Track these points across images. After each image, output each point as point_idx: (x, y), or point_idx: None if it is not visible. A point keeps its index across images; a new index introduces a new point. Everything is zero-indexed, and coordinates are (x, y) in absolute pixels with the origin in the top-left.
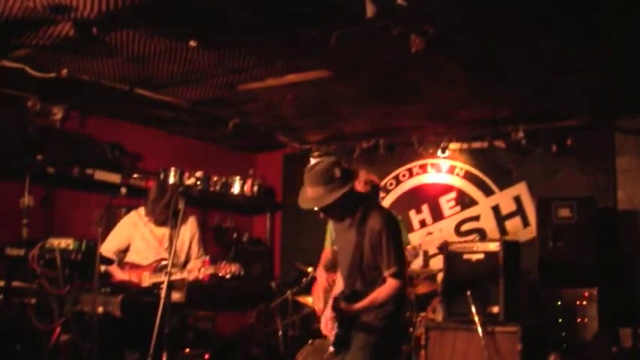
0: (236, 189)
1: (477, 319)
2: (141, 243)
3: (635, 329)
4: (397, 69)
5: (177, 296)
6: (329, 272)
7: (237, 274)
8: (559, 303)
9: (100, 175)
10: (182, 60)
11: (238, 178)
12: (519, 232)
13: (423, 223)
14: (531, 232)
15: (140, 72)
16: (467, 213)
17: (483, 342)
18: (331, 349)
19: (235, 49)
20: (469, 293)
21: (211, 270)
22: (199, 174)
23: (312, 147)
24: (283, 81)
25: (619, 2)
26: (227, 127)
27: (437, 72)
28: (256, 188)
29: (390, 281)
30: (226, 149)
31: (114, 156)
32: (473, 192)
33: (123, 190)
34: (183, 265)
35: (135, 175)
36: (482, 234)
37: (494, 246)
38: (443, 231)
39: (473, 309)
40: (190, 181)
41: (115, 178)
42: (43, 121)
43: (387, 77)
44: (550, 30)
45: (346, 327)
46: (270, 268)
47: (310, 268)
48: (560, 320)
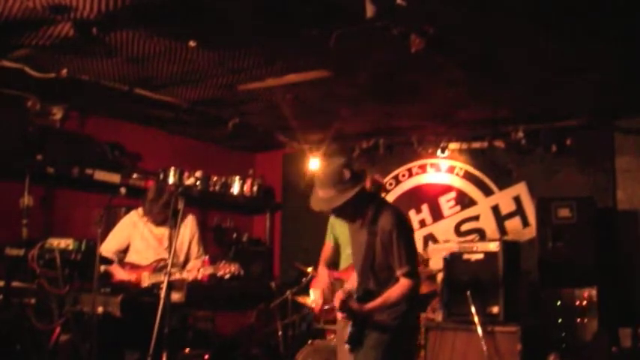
0: (236, 189)
1: (477, 319)
2: (140, 243)
3: (634, 329)
4: (397, 69)
5: (177, 296)
6: (331, 270)
7: (236, 274)
8: (559, 303)
9: (100, 175)
10: (182, 60)
11: (238, 178)
12: (519, 232)
13: (423, 223)
14: (531, 232)
15: (140, 72)
16: (466, 213)
17: (483, 342)
18: (347, 347)
19: (235, 49)
20: (469, 293)
21: (210, 270)
22: (199, 174)
23: (311, 147)
24: (283, 81)
25: (619, 2)
26: (227, 127)
27: (437, 72)
28: (256, 188)
29: (403, 281)
30: (226, 149)
31: (114, 156)
32: (472, 192)
33: (122, 190)
34: (182, 265)
35: (134, 175)
36: (481, 234)
37: (493, 246)
38: (444, 232)
39: (472, 309)
40: (190, 181)
41: (115, 178)
42: (43, 121)
43: (387, 77)
44: (550, 30)
45: (360, 325)
46: (269, 268)
47: (310, 268)
48: (559, 320)
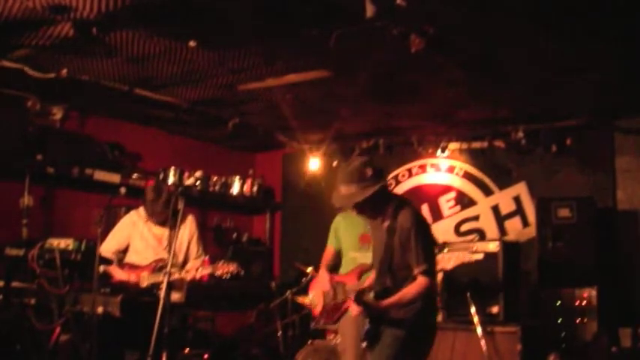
0: (235, 189)
1: (477, 319)
2: (140, 242)
3: (634, 329)
4: (397, 69)
5: (176, 296)
6: (331, 274)
7: (235, 274)
8: (559, 303)
9: (100, 175)
10: (182, 60)
11: (238, 178)
12: (519, 232)
13: None
14: (531, 232)
15: (140, 72)
16: (466, 213)
17: (483, 342)
18: (364, 345)
19: (235, 49)
20: (469, 293)
21: (209, 270)
22: (199, 174)
23: (311, 147)
24: (283, 81)
25: (619, 2)
26: (227, 127)
27: (437, 72)
28: (256, 188)
29: (420, 279)
30: (226, 149)
31: (114, 156)
32: (472, 192)
33: (122, 190)
34: (182, 265)
35: (134, 175)
36: (481, 234)
37: (493, 246)
38: (444, 232)
39: (472, 309)
40: (190, 181)
41: (115, 178)
42: (43, 121)
43: (387, 77)
44: (550, 30)
45: (376, 322)
46: (269, 268)
47: (310, 268)
48: (559, 320)
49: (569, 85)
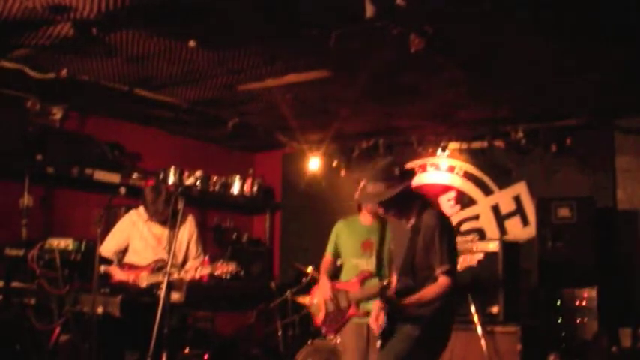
0: (235, 189)
1: (477, 319)
2: (139, 242)
3: (634, 329)
4: (397, 69)
5: (176, 296)
6: (333, 281)
7: (235, 274)
8: (559, 303)
9: (100, 175)
10: (182, 60)
11: (238, 178)
12: (519, 232)
13: None
14: (531, 232)
15: (140, 72)
16: (466, 213)
17: (483, 342)
18: (379, 344)
19: (235, 49)
20: (469, 293)
21: (208, 270)
22: (199, 174)
23: (311, 147)
24: (283, 81)
25: (619, 2)
26: (226, 127)
27: (437, 72)
28: (256, 188)
29: (442, 279)
30: (226, 149)
31: (114, 156)
32: (472, 192)
33: (122, 190)
34: (181, 265)
35: (134, 175)
36: (481, 234)
37: (493, 246)
38: None
39: (472, 309)
40: (190, 181)
41: (115, 178)
42: (43, 121)
43: (387, 77)
44: (550, 30)
45: (393, 320)
46: (269, 268)
47: (310, 268)
48: (559, 320)
49: (569, 85)
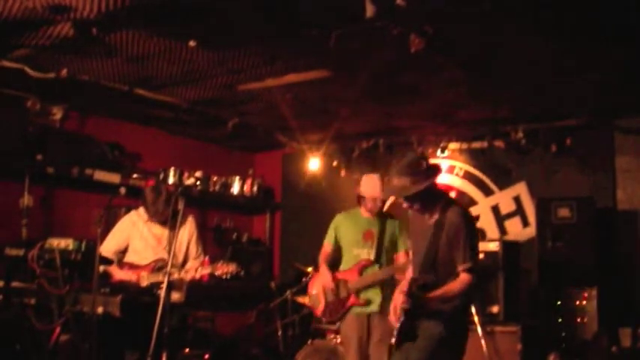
0: (235, 189)
1: (477, 319)
2: (139, 242)
3: (634, 329)
4: (397, 69)
5: (176, 296)
6: (332, 271)
7: (235, 275)
8: (559, 303)
9: (100, 175)
10: (182, 60)
11: (238, 178)
12: (519, 232)
13: None
14: (531, 232)
15: (140, 72)
16: None
17: (483, 342)
18: (393, 341)
19: (235, 49)
20: None
21: (208, 270)
22: (199, 174)
23: (311, 147)
24: (283, 81)
25: (619, 2)
26: (226, 127)
27: (437, 72)
28: (256, 188)
29: (464, 276)
30: (226, 149)
31: (114, 156)
32: (472, 192)
33: (122, 190)
34: (181, 265)
35: (134, 175)
36: (481, 234)
37: (493, 246)
38: None
39: (472, 309)
40: (190, 181)
41: (115, 178)
42: (43, 121)
43: (387, 77)
44: (550, 30)
45: (413, 317)
46: (269, 268)
47: (310, 268)
48: (559, 320)
49: (569, 85)
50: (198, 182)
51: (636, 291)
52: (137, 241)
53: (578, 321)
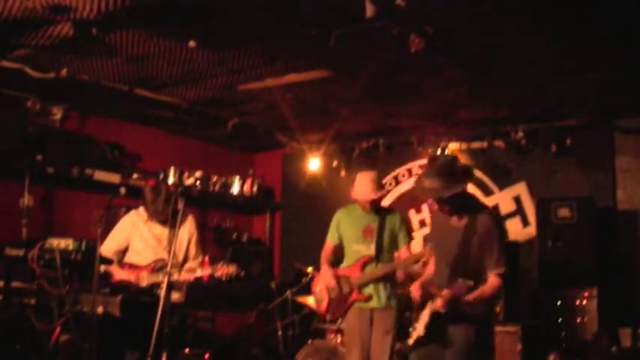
0: (235, 189)
1: None
2: (139, 242)
3: (634, 329)
4: (397, 69)
5: (176, 296)
6: (334, 268)
7: (235, 276)
8: (559, 303)
9: (100, 175)
10: (182, 60)
11: (238, 178)
12: (519, 232)
13: (423, 223)
14: (531, 232)
15: (140, 72)
16: None
17: None
18: (410, 342)
19: (235, 49)
20: None
21: (208, 271)
22: (199, 174)
23: (311, 147)
24: (283, 81)
25: (619, 2)
26: (226, 127)
27: (437, 72)
28: (255, 188)
29: (496, 280)
30: (226, 149)
31: (113, 156)
32: (472, 192)
33: (122, 190)
34: (181, 265)
35: (134, 175)
36: None
37: None
38: None
39: None
40: (190, 181)
41: (115, 178)
42: (43, 121)
43: (387, 77)
44: (550, 30)
45: (436, 318)
46: (269, 268)
47: (310, 268)
48: (559, 320)
49: (569, 85)
50: (198, 182)
51: (636, 291)
52: (137, 241)
53: (578, 321)
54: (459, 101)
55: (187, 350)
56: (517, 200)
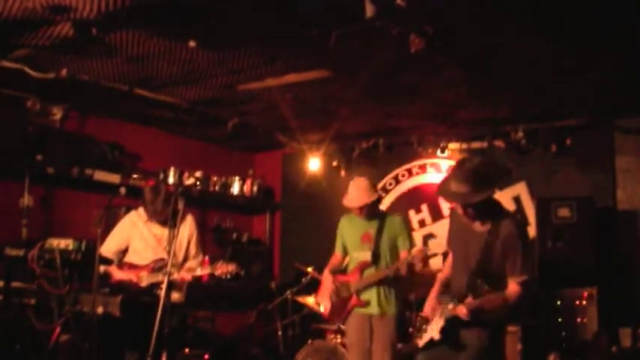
0: (235, 189)
1: None
2: (139, 243)
3: (634, 329)
4: (397, 69)
5: (176, 296)
6: (335, 275)
7: (234, 275)
8: (559, 303)
9: (100, 175)
10: (181, 60)
11: (237, 178)
12: None
13: (423, 223)
14: (531, 232)
15: (140, 72)
16: None
17: None
18: (421, 343)
19: (235, 49)
20: None
21: (208, 270)
22: (199, 174)
23: (311, 147)
24: (283, 81)
25: (619, 2)
26: (226, 127)
27: (437, 72)
28: (255, 188)
29: (516, 287)
30: (226, 149)
31: (113, 156)
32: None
33: (122, 190)
34: (180, 265)
35: (134, 175)
36: None
37: None
38: (444, 232)
39: None
40: (190, 181)
41: (115, 178)
42: (43, 121)
43: (387, 77)
44: (550, 30)
45: (452, 322)
46: (269, 268)
47: (310, 268)
48: (560, 320)
49: (569, 85)
50: (198, 182)
51: (636, 291)
52: (137, 242)
53: (578, 321)
54: (459, 101)
55: (187, 350)
56: (517, 200)
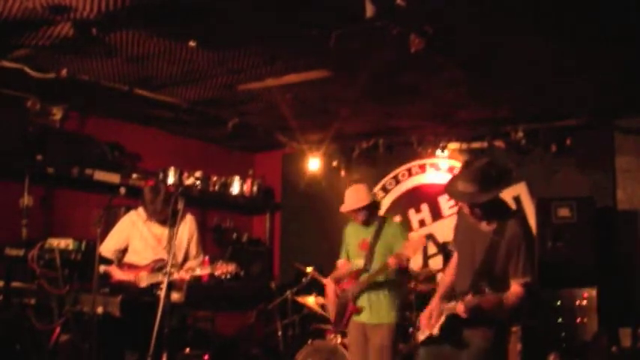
0: (235, 189)
1: None
2: (139, 242)
3: (634, 329)
4: (397, 69)
5: (176, 296)
6: (337, 283)
7: (234, 275)
8: (559, 303)
9: (100, 175)
10: (181, 60)
11: (237, 178)
12: None
13: (423, 223)
14: None
15: (140, 72)
16: None
17: None
18: (421, 337)
19: (235, 49)
20: None
21: (208, 270)
22: (198, 174)
23: (311, 147)
24: (283, 81)
25: (619, 2)
26: (226, 127)
27: (437, 72)
28: (255, 188)
29: (519, 289)
30: (225, 149)
31: (113, 156)
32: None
33: (122, 190)
34: (180, 265)
35: (134, 175)
36: None
37: None
38: (444, 232)
39: None
40: (189, 181)
41: (115, 178)
42: (43, 121)
43: (387, 77)
44: (550, 30)
45: (456, 323)
46: (269, 268)
47: (310, 268)
48: (560, 320)
49: (569, 85)
50: (197, 182)
51: (636, 291)
52: (137, 241)
53: (578, 321)
54: (459, 101)
55: (187, 350)
56: (517, 200)
